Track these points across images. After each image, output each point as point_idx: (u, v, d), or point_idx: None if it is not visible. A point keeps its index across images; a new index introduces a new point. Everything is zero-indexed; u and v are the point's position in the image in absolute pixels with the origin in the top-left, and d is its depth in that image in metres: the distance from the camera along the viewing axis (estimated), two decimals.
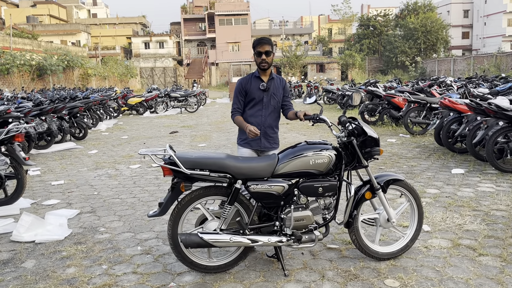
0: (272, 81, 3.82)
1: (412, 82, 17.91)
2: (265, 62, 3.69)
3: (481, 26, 56.36)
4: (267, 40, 3.74)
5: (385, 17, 50.95)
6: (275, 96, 3.79)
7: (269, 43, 3.71)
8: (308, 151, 3.29)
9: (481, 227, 4.18)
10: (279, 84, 3.86)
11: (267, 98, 3.76)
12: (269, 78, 3.81)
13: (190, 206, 3.22)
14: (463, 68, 34.71)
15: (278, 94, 3.82)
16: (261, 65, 3.70)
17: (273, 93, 3.78)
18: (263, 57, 3.66)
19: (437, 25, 43.18)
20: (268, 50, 3.68)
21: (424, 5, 48.69)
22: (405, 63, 42.52)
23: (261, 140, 3.80)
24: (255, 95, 3.75)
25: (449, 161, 7.26)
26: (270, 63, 3.73)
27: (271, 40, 3.92)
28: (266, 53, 3.67)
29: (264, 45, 3.67)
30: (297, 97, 25.78)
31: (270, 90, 3.77)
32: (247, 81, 3.80)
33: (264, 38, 3.78)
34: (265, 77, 3.81)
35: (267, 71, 3.79)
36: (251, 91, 3.76)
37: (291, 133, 11.50)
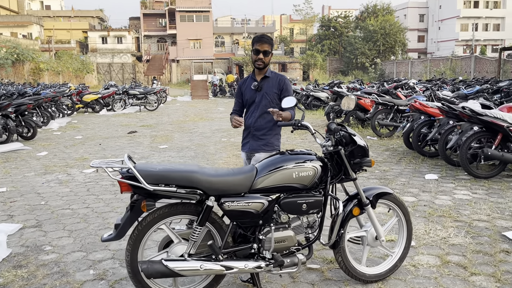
0: (266, 80, 3.61)
1: (377, 83, 17.98)
2: (261, 62, 3.52)
3: (436, 30, 58.35)
4: (268, 38, 3.52)
5: (346, 19, 51.61)
6: (267, 95, 3.58)
7: (270, 42, 3.52)
8: (290, 162, 2.88)
9: (467, 240, 3.93)
10: (275, 82, 3.60)
11: (259, 98, 3.59)
12: (263, 77, 3.62)
13: (153, 227, 2.73)
14: (420, 71, 35.62)
15: (270, 94, 3.59)
16: (256, 64, 3.54)
17: (266, 92, 3.58)
18: (260, 56, 3.50)
19: (396, 28, 44.15)
20: (267, 50, 3.51)
21: (383, 8, 49.70)
22: (365, 64, 43.20)
23: (249, 142, 3.65)
24: (248, 96, 3.65)
25: (421, 165, 7.10)
26: (267, 63, 3.56)
27: (272, 39, 3.61)
28: (264, 52, 3.50)
29: (263, 44, 3.49)
30: None
31: (263, 89, 3.58)
32: (244, 83, 3.72)
33: (265, 36, 3.54)
34: (260, 76, 3.63)
35: (263, 70, 3.61)
36: (245, 92, 3.67)
37: None
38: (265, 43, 3.50)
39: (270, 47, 3.54)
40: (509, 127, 5.78)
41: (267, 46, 3.51)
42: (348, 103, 3.11)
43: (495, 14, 54.59)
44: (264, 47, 3.50)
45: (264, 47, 3.50)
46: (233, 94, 27.39)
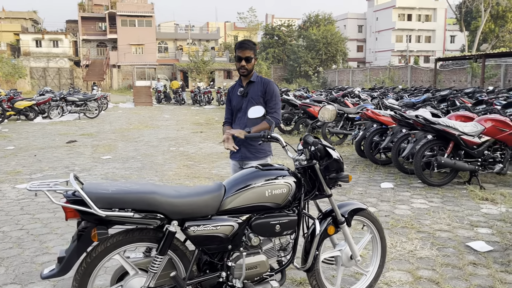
0: (251, 85, 3.51)
1: (324, 92, 18.23)
2: (244, 69, 3.42)
3: (373, 40, 61.00)
4: (249, 44, 3.40)
5: (289, 28, 52.48)
6: (253, 100, 3.46)
7: (251, 48, 3.39)
8: (262, 178, 2.60)
9: (433, 253, 3.85)
10: (259, 86, 3.49)
11: (245, 104, 3.47)
12: (248, 82, 3.52)
13: (105, 259, 2.33)
14: (361, 79, 36.87)
15: (256, 98, 3.46)
16: (240, 71, 3.45)
17: (251, 97, 3.48)
18: (243, 63, 3.39)
19: (337, 38, 45.48)
20: (249, 56, 3.38)
21: (325, 18, 51.12)
22: (308, 73, 44.05)
23: (241, 149, 3.49)
24: (235, 102, 3.57)
25: (374, 173, 7.10)
26: (250, 69, 3.45)
27: (254, 44, 3.49)
28: (246, 59, 3.38)
29: (244, 50, 3.36)
30: (207, 103, 25.03)
31: (248, 95, 3.49)
32: (232, 89, 3.64)
33: (246, 41, 3.43)
34: (245, 81, 3.54)
35: (248, 76, 3.50)
36: (232, 98, 3.60)
37: (207, 143, 10.73)
38: (246, 49, 3.37)
39: (252, 52, 3.40)
40: (460, 135, 5.88)
41: (248, 52, 3.38)
42: (327, 114, 2.89)
43: (427, 27, 57.98)
44: (246, 53, 3.37)
45: (245, 53, 3.37)
46: (178, 101, 26.75)
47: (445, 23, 58.32)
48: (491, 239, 4.16)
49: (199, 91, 25.64)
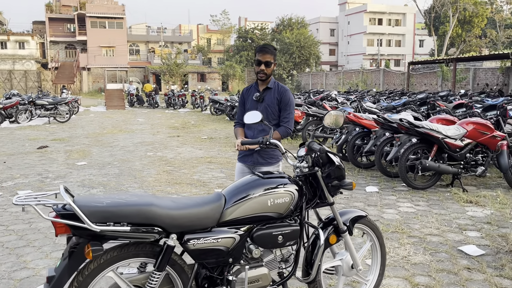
0: (268, 91, 3.43)
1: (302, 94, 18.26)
2: (263, 73, 3.33)
3: (345, 44, 61.89)
4: (270, 49, 3.33)
5: (262, 31, 52.62)
6: (268, 107, 3.39)
7: (272, 52, 3.33)
8: (264, 187, 2.48)
9: (427, 258, 3.82)
10: (276, 94, 3.41)
11: (260, 110, 3.32)
12: (265, 87, 3.43)
13: (98, 276, 2.16)
14: (334, 82, 37.33)
15: (272, 106, 3.40)
16: (258, 75, 3.37)
17: (267, 104, 3.40)
18: (262, 67, 3.31)
19: (310, 42, 45.95)
20: (269, 61, 3.31)
21: (298, 22, 51.52)
22: (282, 76, 44.27)
23: (253, 155, 3.42)
24: (249, 106, 3.46)
25: (358, 177, 7.08)
26: (269, 74, 3.37)
27: (275, 49, 3.41)
28: (266, 63, 3.30)
29: (265, 54, 3.29)
30: (181, 107, 24.69)
31: (264, 101, 3.40)
32: (247, 92, 3.56)
33: (267, 45, 3.36)
34: (262, 86, 3.45)
35: (267, 80, 3.42)
36: (247, 103, 3.50)
37: (185, 147, 10.52)
38: (267, 54, 3.30)
39: (272, 57, 3.33)
40: (444, 139, 5.93)
41: (269, 56, 3.31)
42: (334, 119, 2.78)
43: (397, 31, 59.29)
44: (266, 57, 3.30)
45: (266, 57, 3.30)
46: (151, 104, 26.30)
47: (414, 28, 59.77)
48: (481, 242, 4.17)
49: (173, 94, 25.27)
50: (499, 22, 42.54)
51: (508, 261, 3.70)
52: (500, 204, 5.41)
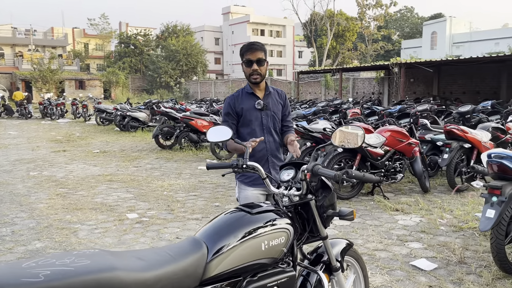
0: (269, 96, 2.99)
1: (195, 103, 17.63)
2: (257, 74, 2.87)
3: (230, 53, 62.80)
4: (259, 45, 2.88)
5: (146, 37, 50.69)
6: (275, 115, 2.98)
7: (262, 49, 2.88)
8: (253, 225, 1.90)
9: (386, 278, 3.57)
10: (278, 99, 3.03)
11: (267, 120, 2.95)
12: (265, 93, 2.98)
13: None
14: (223, 91, 37.36)
15: (278, 113, 3.00)
16: (251, 78, 2.88)
17: (274, 112, 2.97)
18: (255, 67, 2.84)
19: (197, 49, 45.46)
20: (261, 58, 2.84)
21: (183, 29, 50.69)
22: (170, 84, 43.01)
23: (271, 173, 2.90)
24: (251, 117, 2.93)
25: None
26: (264, 74, 2.91)
27: (263, 45, 2.94)
28: (258, 61, 2.84)
29: (255, 52, 2.83)
30: (60, 117, 22.23)
31: (269, 108, 2.95)
32: (237, 100, 2.96)
33: (256, 43, 2.89)
34: (260, 92, 2.97)
35: (261, 84, 2.95)
36: (246, 112, 2.92)
37: (76, 164, 9.20)
38: (257, 50, 2.83)
39: (263, 54, 2.86)
40: (366, 148, 5.90)
41: (259, 53, 2.84)
42: (352, 139, 2.30)
43: (278, 42, 62.02)
44: (257, 55, 2.83)
45: (256, 55, 2.83)
46: (23, 115, 23.23)
47: (294, 39, 63.16)
48: (427, 254, 4.09)
49: (49, 103, 22.66)
50: (368, 37, 46.92)
51: (462, 273, 3.62)
52: (424, 210, 5.51)
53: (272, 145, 2.96)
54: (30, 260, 1.45)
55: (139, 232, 4.80)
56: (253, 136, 2.88)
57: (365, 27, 46.69)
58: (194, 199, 6.27)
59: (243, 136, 2.96)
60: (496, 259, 3.44)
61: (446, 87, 20.67)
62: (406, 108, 9.27)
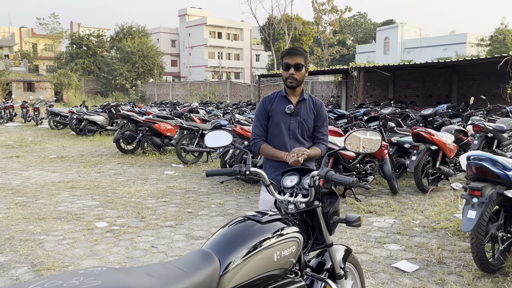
0: (303, 103, 2.90)
1: (161, 106, 17.21)
2: (293, 79, 2.79)
3: (187, 56, 62.15)
4: (299, 50, 2.81)
5: (99, 38, 49.16)
6: (305, 123, 2.88)
7: (302, 54, 2.80)
8: (263, 236, 1.81)
9: (372, 282, 3.58)
10: (313, 107, 2.92)
11: (295, 125, 2.86)
12: (299, 99, 2.90)
13: None
14: (181, 93, 36.85)
15: (309, 121, 2.89)
16: (287, 81, 2.83)
17: (304, 119, 2.88)
18: (291, 71, 2.78)
19: (153, 51, 44.57)
20: (299, 63, 2.77)
21: (139, 31, 49.59)
22: (125, 86, 41.88)
23: None
24: (279, 120, 2.86)
25: (250, 193, 6.69)
26: (300, 80, 2.83)
27: (305, 51, 2.88)
28: (296, 66, 2.77)
29: (294, 57, 2.76)
30: (9, 121, 21.03)
31: (300, 115, 2.86)
32: (271, 101, 2.92)
33: (297, 48, 2.85)
34: (294, 97, 2.91)
35: (297, 89, 2.87)
36: (275, 115, 2.87)
37: (32, 170, 8.68)
38: (297, 55, 2.77)
39: (303, 59, 2.80)
40: (339, 151, 5.94)
41: (299, 58, 2.77)
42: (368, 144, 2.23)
43: (235, 45, 62.05)
44: (296, 59, 2.77)
45: (295, 59, 2.77)
46: None
47: (251, 43, 63.39)
48: (407, 256, 4.15)
49: None
50: (324, 41, 47.92)
51: (444, 273, 3.70)
52: (396, 212, 5.61)
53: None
54: (33, 283, 1.28)
55: (111, 242, 4.57)
56: (279, 139, 2.84)
57: (321, 31, 47.68)
58: (164, 205, 6.07)
59: (270, 137, 2.91)
60: (476, 259, 3.53)
61: (401, 91, 21.41)
62: (370, 112, 9.48)
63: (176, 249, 4.37)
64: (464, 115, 8.77)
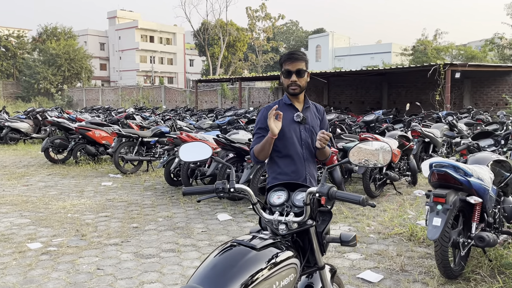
0: (308, 110, 2.70)
1: (92, 112, 16.19)
2: (296, 85, 2.58)
3: (117, 60, 59.84)
4: (300, 55, 2.59)
5: (19, 39, 45.78)
6: (314, 130, 2.66)
7: (303, 58, 2.59)
8: (261, 264, 1.57)
9: None
10: (317, 113, 2.74)
11: (305, 133, 2.63)
12: (304, 105, 2.69)
13: None
14: (112, 98, 35.28)
15: (316, 128, 2.68)
16: (290, 89, 2.60)
17: (312, 126, 2.67)
18: (293, 78, 2.56)
19: (81, 54, 42.30)
20: (301, 69, 2.56)
21: (64, 32, 46.88)
22: (50, 90, 39.28)
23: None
24: (289, 130, 2.60)
25: (198, 204, 6.36)
26: (304, 86, 2.62)
27: (305, 54, 2.66)
28: (298, 72, 2.56)
29: (294, 62, 2.56)
30: None
31: (308, 122, 2.65)
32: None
33: (296, 52, 2.62)
34: (299, 104, 2.69)
35: (300, 96, 2.65)
36: (283, 125, 2.54)
37: None
38: (297, 60, 2.55)
39: (304, 64, 2.58)
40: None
41: (300, 63, 2.55)
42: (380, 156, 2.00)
43: (168, 50, 60.80)
44: (297, 65, 2.55)
45: (296, 65, 2.55)
46: None
47: (184, 47, 62.46)
48: (369, 265, 4.08)
49: None
50: (258, 48, 48.42)
51: (408, 282, 3.66)
52: (349, 218, 5.59)
53: (310, 163, 2.64)
54: None
55: (48, 266, 4.04)
56: (290, 152, 2.57)
57: (255, 38, 48.13)
58: (106, 220, 5.57)
59: (279, 150, 2.62)
60: (440, 266, 3.53)
61: (335, 97, 22.08)
62: None
63: (126, 271, 3.96)
64: (406, 121, 9.12)
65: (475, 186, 3.51)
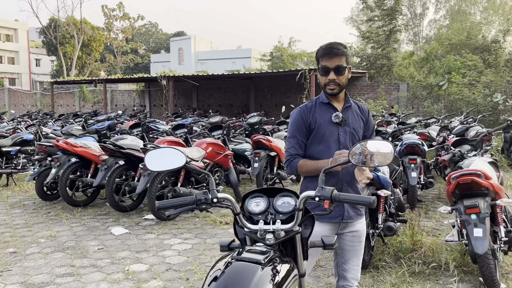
0: (349, 109, 2.38)
1: None
2: (335, 84, 2.26)
3: None
4: (339, 49, 2.23)
5: None
6: (356, 133, 2.35)
7: (343, 53, 2.23)
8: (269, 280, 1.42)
9: None
10: (360, 114, 2.41)
11: (345, 137, 2.32)
12: (345, 105, 2.37)
13: None
14: None
15: (358, 131, 2.37)
16: (327, 89, 2.28)
17: (354, 129, 2.35)
18: (331, 76, 2.24)
19: None
20: (340, 66, 2.22)
21: None
22: None
23: (344, 206, 2.29)
24: (326, 132, 2.30)
25: (86, 219, 5.67)
26: (344, 85, 2.28)
27: (345, 47, 2.27)
28: (337, 70, 2.23)
29: (334, 58, 2.21)
30: None
31: (349, 123, 2.33)
32: (311, 111, 2.33)
33: (335, 46, 2.24)
34: (338, 103, 2.36)
35: (340, 94, 2.33)
36: (320, 126, 2.30)
37: None
38: (336, 56, 2.21)
39: (344, 59, 2.23)
40: (190, 162, 5.60)
41: (338, 59, 2.22)
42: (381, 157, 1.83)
43: (9, 48, 53.82)
44: (335, 61, 2.22)
45: (334, 61, 2.22)
46: None
47: (28, 45, 56.01)
48: None
49: None
50: (116, 49, 45.92)
51: (327, 276, 3.79)
52: None
53: (349, 169, 2.28)
54: None
55: None
56: (327, 157, 2.23)
57: (113, 38, 45.63)
58: None
59: (313, 156, 2.29)
60: None
61: (204, 100, 22.14)
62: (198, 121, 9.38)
63: None
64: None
65: (383, 180, 3.80)
